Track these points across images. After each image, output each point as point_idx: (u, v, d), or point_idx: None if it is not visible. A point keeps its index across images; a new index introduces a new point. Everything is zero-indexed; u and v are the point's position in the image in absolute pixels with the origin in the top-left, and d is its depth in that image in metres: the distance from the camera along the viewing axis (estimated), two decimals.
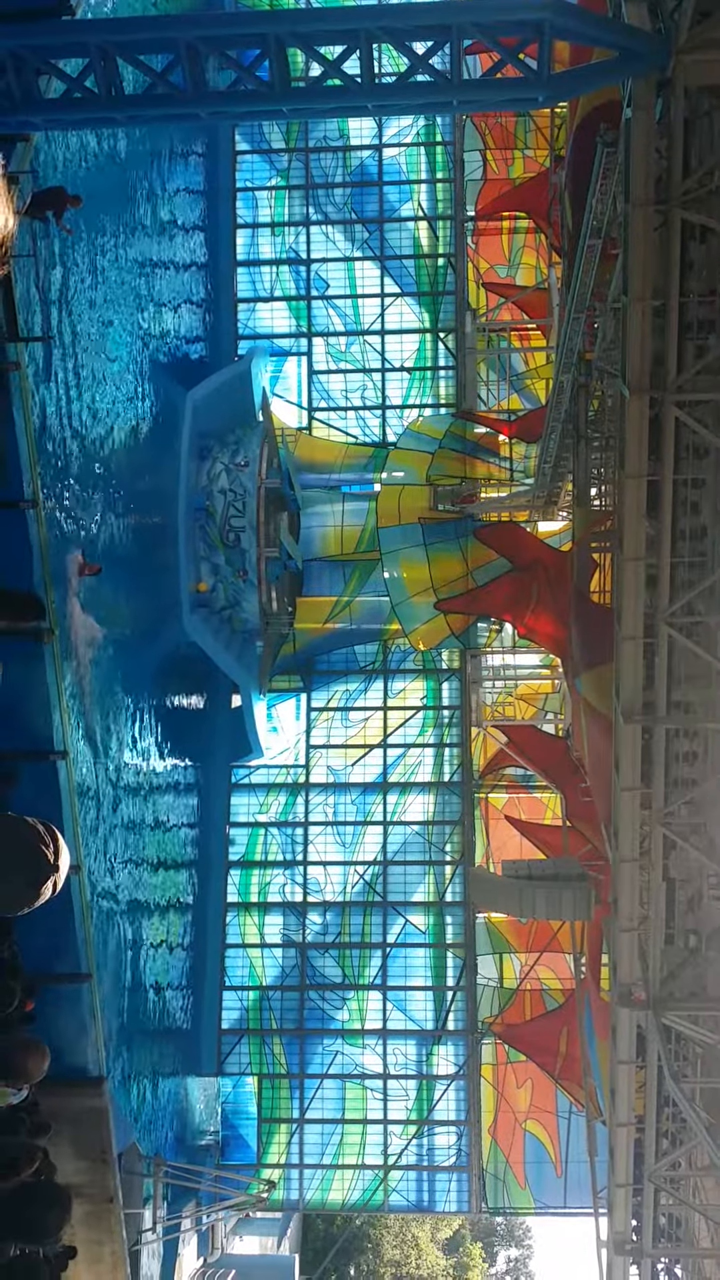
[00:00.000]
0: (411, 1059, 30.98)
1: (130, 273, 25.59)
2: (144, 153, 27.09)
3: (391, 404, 33.37)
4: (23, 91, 14.46)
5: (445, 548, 29.78)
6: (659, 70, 12.94)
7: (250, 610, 30.18)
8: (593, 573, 23.08)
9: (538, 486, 28.12)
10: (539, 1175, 29.91)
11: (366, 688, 32.98)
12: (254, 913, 31.99)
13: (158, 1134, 26.11)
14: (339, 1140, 30.56)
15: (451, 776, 32.19)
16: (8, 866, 5.05)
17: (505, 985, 30.58)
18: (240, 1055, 31.18)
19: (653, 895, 16.23)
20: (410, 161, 33.51)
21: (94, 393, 22.84)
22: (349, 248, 33.59)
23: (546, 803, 31.16)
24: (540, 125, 31.36)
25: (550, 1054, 28.19)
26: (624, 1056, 17.19)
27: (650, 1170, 17.39)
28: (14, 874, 5.05)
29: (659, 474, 14.53)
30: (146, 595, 27.54)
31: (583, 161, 17.23)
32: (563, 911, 23.00)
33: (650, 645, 15.18)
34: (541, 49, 13.51)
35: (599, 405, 22.64)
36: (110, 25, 17.41)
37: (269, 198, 33.85)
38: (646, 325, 13.94)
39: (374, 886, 31.74)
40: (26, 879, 4.99)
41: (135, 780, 25.49)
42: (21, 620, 11.58)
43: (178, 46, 14.09)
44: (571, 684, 23.13)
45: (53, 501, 20.12)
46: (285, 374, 33.68)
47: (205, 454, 29.98)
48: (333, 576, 32.58)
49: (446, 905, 31.46)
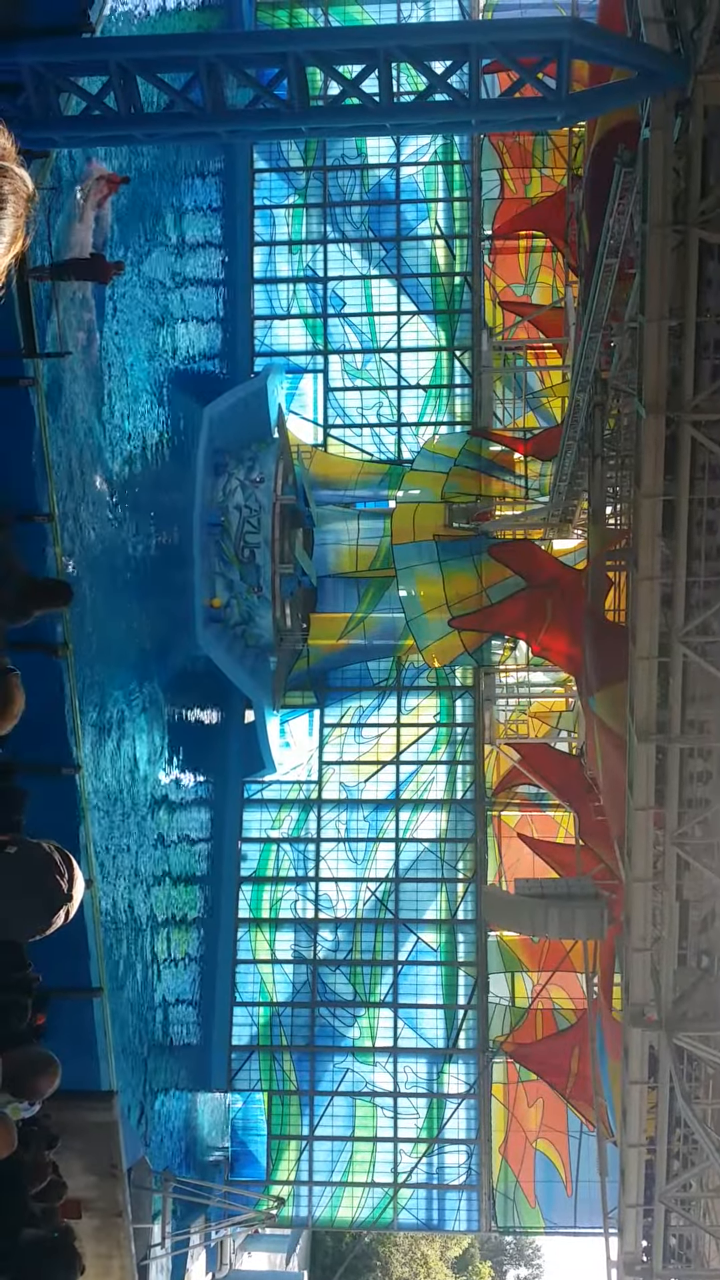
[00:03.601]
0: (422, 1077, 30.86)
1: (148, 289, 25.71)
2: (163, 170, 27.23)
3: (407, 421, 33.42)
4: (43, 108, 14.57)
5: (460, 565, 29.77)
6: (678, 90, 12.97)
7: (264, 626, 30.22)
8: (607, 591, 23.06)
9: (553, 504, 28.11)
10: (549, 1194, 29.75)
11: (380, 704, 32.95)
12: (265, 928, 31.94)
13: (167, 1149, 26.06)
14: (349, 1157, 30.44)
15: (464, 794, 32.12)
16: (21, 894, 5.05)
17: (517, 1004, 30.46)
18: (250, 1071, 31.10)
19: (666, 915, 16.17)
20: (428, 180, 33.62)
21: (110, 408, 22.93)
22: (366, 266, 33.69)
23: (560, 821, 31.06)
24: (558, 144, 31.43)
25: (561, 1073, 28.05)
26: (635, 1077, 17.11)
27: (661, 1191, 17.29)
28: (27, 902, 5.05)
29: (675, 493, 14.51)
30: (161, 610, 27.59)
31: (600, 181, 17.26)
32: (575, 930, 22.90)
33: (665, 664, 15.15)
34: (560, 69, 13.56)
35: (615, 424, 22.65)
36: (130, 43, 17.54)
37: (287, 216, 33.98)
38: (663, 345, 13.95)
39: (386, 903, 31.66)
40: (39, 908, 4.99)
41: (148, 794, 25.51)
42: (55, 605, 11.62)
43: (197, 65, 14.18)
44: (585, 702, 23.09)
45: (69, 515, 20.18)
46: (301, 391, 33.75)
47: (221, 469, 30.06)
48: (347, 593, 32.59)
49: (458, 923, 31.37)
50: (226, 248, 32.96)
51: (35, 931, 5.11)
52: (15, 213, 2.40)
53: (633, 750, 15.57)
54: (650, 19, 13.42)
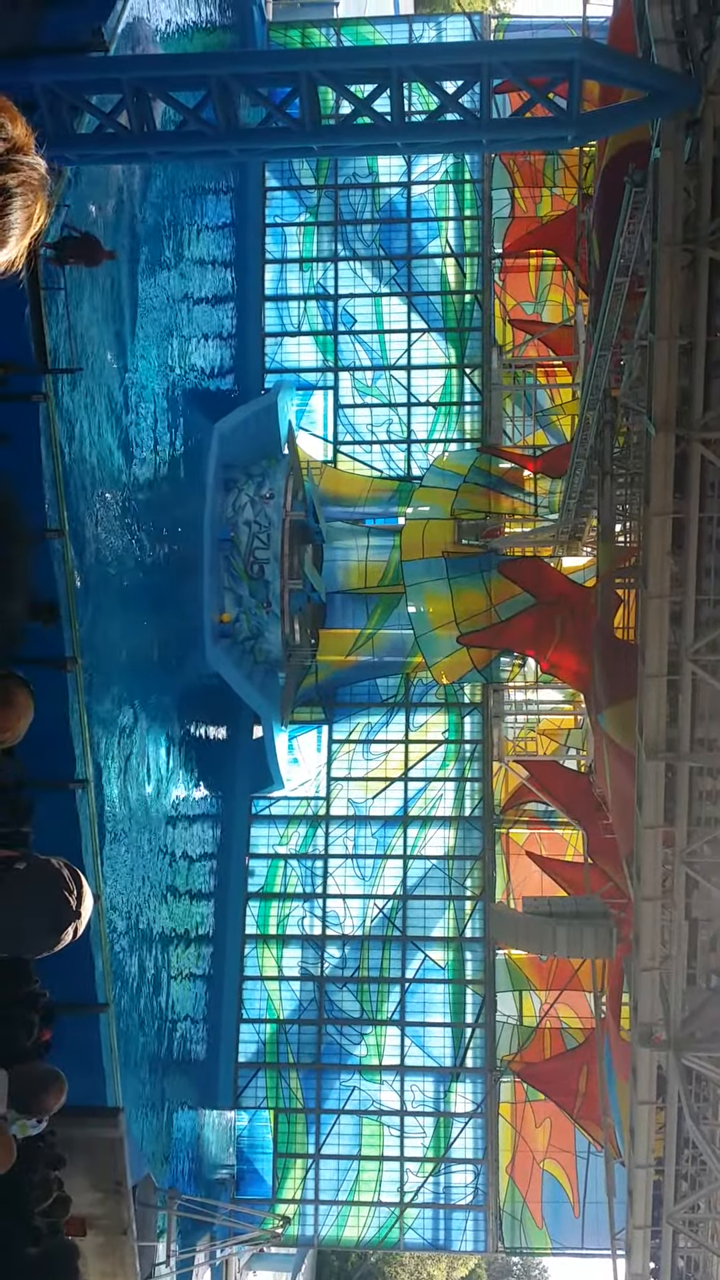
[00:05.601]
0: (429, 1096, 30.74)
1: (159, 306, 25.81)
2: (174, 188, 27.35)
3: (417, 438, 33.47)
4: (56, 127, 14.65)
5: (469, 582, 29.77)
6: (688, 110, 13.01)
7: (273, 642, 30.25)
8: (617, 609, 23.04)
9: (562, 522, 28.13)
10: (556, 1215, 29.59)
11: (388, 720, 32.92)
12: (272, 945, 31.87)
13: (173, 1166, 25.97)
14: (355, 1176, 30.32)
15: (472, 811, 32.05)
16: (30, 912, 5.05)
17: (525, 1023, 30.35)
18: (257, 1089, 31.00)
19: (674, 934, 16.11)
20: (439, 199, 33.74)
21: (121, 424, 22.99)
22: (376, 284, 33.78)
23: (568, 839, 30.99)
24: (569, 164, 31.52)
25: (569, 1093, 27.94)
26: (644, 1097, 17.03)
27: (669, 1212, 17.19)
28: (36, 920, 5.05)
29: (684, 511, 14.52)
30: (170, 625, 27.63)
31: (611, 200, 17.31)
32: (584, 949, 22.83)
33: (674, 682, 15.13)
34: (571, 89, 13.62)
35: (624, 442, 22.66)
36: (143, 62, 17.65)
37: (298, 233, 34.10)
38: (673, 363, 13.98)
39: (393, 921, 31.59)
40: (48, 925, 4.99)
41: (155, 810, 25.50)
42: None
43: (209, 84, 14.25)
44: (594, 720, 23.06)
45: (78, 531, 20.23)
46: (311, 408, 33.82)
47: (231, 486, 30.14)
48: (356, 609, 32.61)
49: (466, 941, 31.27)
50: (238, 265, 33.08)
51: (44, 948, 5.11)
52: (25, 204, 2.42)
53: (641, 768, 15.54)
54: (661, 40, 13.47)
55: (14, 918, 5.10)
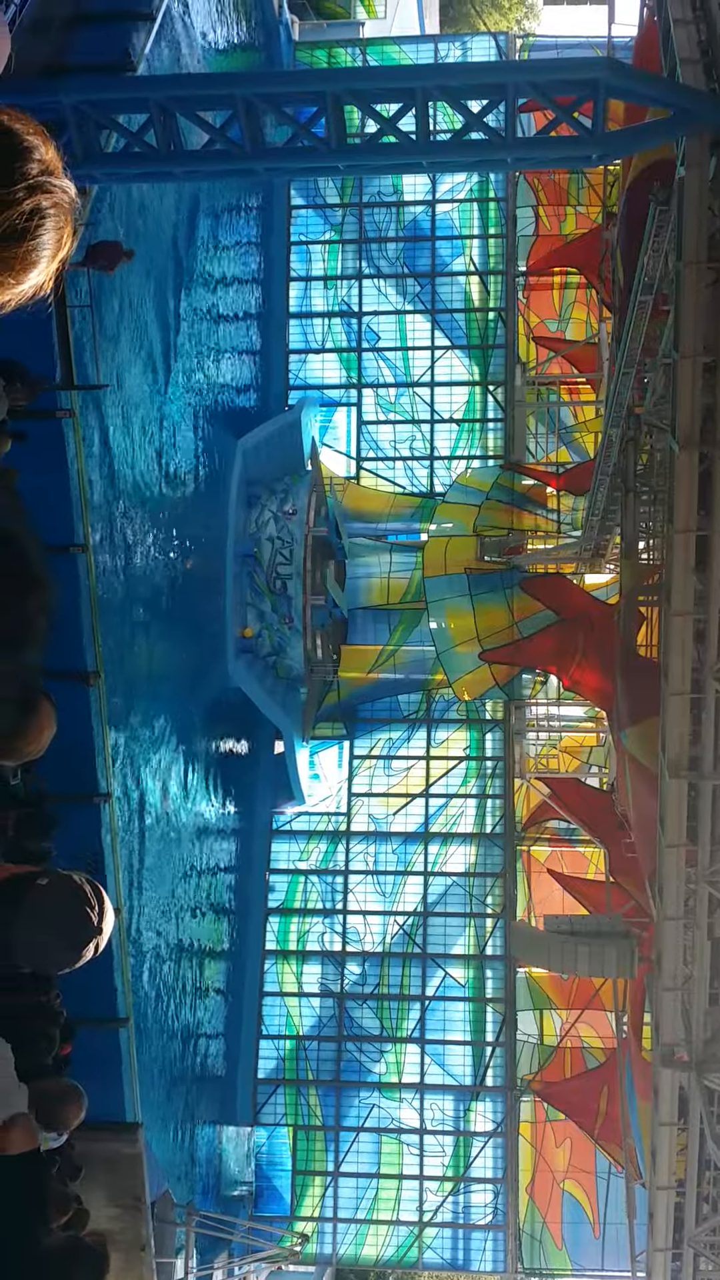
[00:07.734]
0: (449, 1114, 30.61)
1: (184, 323, 25.94)
2: (201, 205, 27.51)
3: (440, 455, 33.51)
4: (84, 146, 14.77)
5: (491, 598, 29.75)
6: (713, 129, 13.03)
7: (295, 657, 30.29)
8: (640, 626, 22.99)
9: (585, 539, 28.10)
10: (576, 1236, 29.39)
11: (409, 737, 32.89)
12: (292, 961, 31.82)
13: (191, 1182, 25.91)
14: (374, 1195, 30.19)
15: (494, 828, 31.96)
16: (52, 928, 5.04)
17: (545, 1042, 30.20)
18: (276, 1105, 30.92)
19: (697, 954, 16.03)
20: (463, 217, 33.83)
21: (145, 440, 23.10)
22: (400, 301, 33.89)
23: (590, 857, 30.87)
24: (593, 182, 31.58)
25: (590, 1113, 27.76)
26: (665, 1118, 16.93)
27: (690, 1235, 17.07)
28: (57, 936, 5.04)
29: (708, 528, 14.49)
30: (192, 640, 27.70)
31: (635, 218, 17.34)
32: (605, 968, 22.74)
33: (697, 700, 15.08)
34: (596, 108, 13.66)
35: (648, 459, 22.65)
36: (170, 82, 17.79)
37: (322, 251, 34.24)
38: (697, 380, 13.96)
39: (413, 937, 31.51)
40: (69, 941, 4.98)
41: (177, 824, 25.52)
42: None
43: (236, 103, 14.35)
44: (617, 738, 22.99)
45: (102, 546, 20.32)
46: (335, 424, 33.92)
47: (254, 501, 30.23)
48: (378, 626, 32.62)
49: (487, 959, 31.17)
50: (263, 282, 33.25)
51: (65, 964, 5.11)
52: (56, 225, 2.45)
53: (664, 786, 15.49)
54: (686, 60, 13.50)
55: (36, 933, 5.10)
